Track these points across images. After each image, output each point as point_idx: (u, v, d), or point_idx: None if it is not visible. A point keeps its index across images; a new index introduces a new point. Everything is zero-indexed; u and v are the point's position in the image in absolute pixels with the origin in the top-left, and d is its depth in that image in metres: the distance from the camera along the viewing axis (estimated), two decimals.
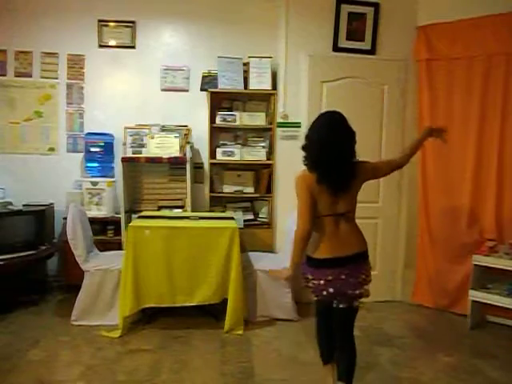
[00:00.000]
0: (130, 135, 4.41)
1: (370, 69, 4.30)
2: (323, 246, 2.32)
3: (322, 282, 2.31)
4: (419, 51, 4.29)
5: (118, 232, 4.34)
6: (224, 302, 3.60)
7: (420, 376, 3.03)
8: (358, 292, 2.33)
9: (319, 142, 2.29)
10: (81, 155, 4.62)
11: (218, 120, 4.46)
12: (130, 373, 2.96)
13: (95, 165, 4.52)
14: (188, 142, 4.48)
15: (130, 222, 3.88)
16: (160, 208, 4.49)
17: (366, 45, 4.33)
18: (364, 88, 4.32)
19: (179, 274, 3.57)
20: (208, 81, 4.59)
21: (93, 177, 4.47)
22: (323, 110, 2.47)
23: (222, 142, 4.57)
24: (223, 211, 4.53)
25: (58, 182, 4.56)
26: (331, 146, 2.26)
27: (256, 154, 4.49)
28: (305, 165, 2.34)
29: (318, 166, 2.28)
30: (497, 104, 3.90)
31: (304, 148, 2.36)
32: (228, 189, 4.56)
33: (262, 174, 4.57)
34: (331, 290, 2.30)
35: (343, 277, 2.29)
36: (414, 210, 4.41)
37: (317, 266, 2.34)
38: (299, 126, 4.27)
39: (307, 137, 2.38)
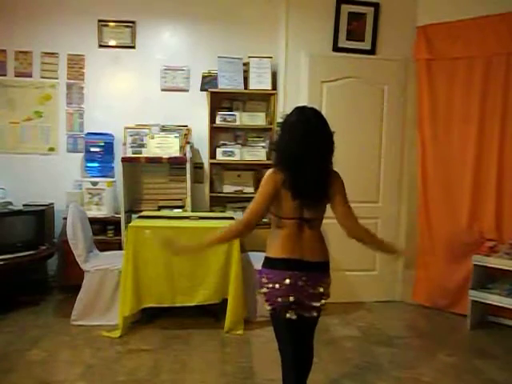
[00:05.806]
0: (130, 135, 4.41)
1: (370, 69, 4.30)
2: (282, 246, 2.08)
3: (277, 286, 2.05)
4: (419, 51, 4.29)
5: (118, 232, 4.34)
6: (224, 302, 3.59)
7: (420, 376, 3.03)
8: (314, 304, 2.09)
9: (289, 145, 2.02)
10: (81, 155, 4.62)
11: (217, 120, 4.47)
12: (130, 373, 2.96)
13: (95, 165, 4.52)
14: (188, 142, 4.49)
15: (129, 222, 3.88)
16: (160, 208, 4.49)
17: (365, 45, 4.34)
18: (364, 88, 4.31)
19: (179, 274, 3.56)
20: (208, 81, 4.60)
21: (93, 177, 4.47)
22: (299, 105, 2.16)
23: (222, 142, 4.58)
24: (223, 211, 4.53)
25: (58, 181, 4.55)
26: (304, 148, 2.00)
27: (256, 154, 4.49)
28: (274, 166, 2.11)
29: (287, 169, 2.03)
30: (497, 104, 3.90)
31: (274, 149, 2.13)
32: (228, 189, 4.56)
33: (262, 174, 4.55)
34: (289, 296, 2.05)
35: (301, 283, 2.05)
36: (413, 210, 4.41)
37: (272, 267, 2.10)
38: None
39: (278, 136, 2.14)
